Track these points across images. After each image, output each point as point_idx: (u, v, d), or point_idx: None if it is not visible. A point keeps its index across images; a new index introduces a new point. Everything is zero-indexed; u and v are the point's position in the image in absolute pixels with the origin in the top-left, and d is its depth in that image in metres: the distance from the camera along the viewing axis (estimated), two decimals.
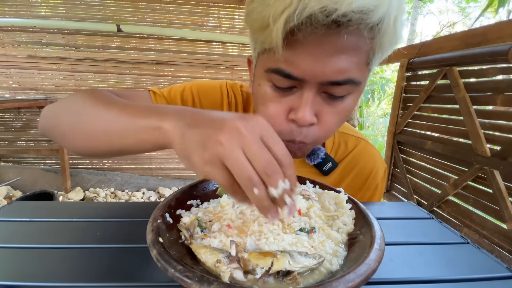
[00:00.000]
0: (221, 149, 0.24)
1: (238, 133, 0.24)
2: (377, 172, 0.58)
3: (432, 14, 8.67)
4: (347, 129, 0.60)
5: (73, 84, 2.34)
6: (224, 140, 0.24)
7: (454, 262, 0.33)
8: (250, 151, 0.24)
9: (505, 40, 1.20)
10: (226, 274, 0.24)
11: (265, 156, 0.24)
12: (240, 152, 0.24)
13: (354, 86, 0.38)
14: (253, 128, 0.25)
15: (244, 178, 0.24)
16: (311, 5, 0.29)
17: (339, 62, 0.34)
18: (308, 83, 0.36)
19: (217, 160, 0.24)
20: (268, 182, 0.25)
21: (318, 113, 0.39)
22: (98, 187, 2.48)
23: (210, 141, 0.25)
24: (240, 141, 0.24)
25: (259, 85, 0.41)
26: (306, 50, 0.34)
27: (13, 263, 0.30)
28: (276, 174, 0.25)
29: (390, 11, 0.31)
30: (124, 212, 0.43)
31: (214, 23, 2.35)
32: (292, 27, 0.32)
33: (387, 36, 0.34)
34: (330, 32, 0.32)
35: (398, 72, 1.99)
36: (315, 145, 0.46)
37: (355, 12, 0.29)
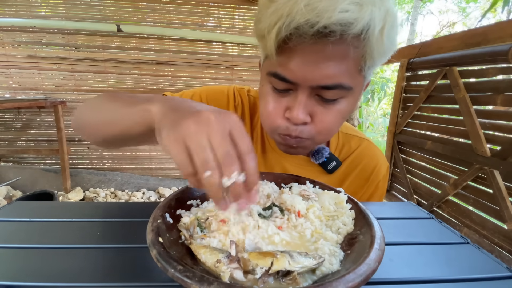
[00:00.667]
0: (187, 130, 0.26)
1: (208, 122, 0.26)
2: (380, 170, 0.60)
3: (432, 14, 8.67)
4: (351, 130, 0.63)
5: (73, 84, 2.34)
6: (192, 124, 0.26)
7: (454, 262, 0.33)
8: (214, 139, 0.25)
9: (505, 40, 1.20)
10: (226, 274, 0.24)
11: (226, 147, 0.26)
12: (204, 137, 0.25)
13: (345, 91, 0.41)
14: (223, 121, 0.26)
15: (201, 159, 0.25)
16: (297, 19, 0.33)
17: (327, 68, 0.38)
18: (301, 86, 0.41)
19: (181, 140, 0.26)
20: (223, 171, 0.25)
21: (312, 114, 0.43)
22: (98, 187, 2.48)
23: (181, 122, 0.26)
24: (207, 129, 0.26)
25: (262, 86, 0.47)
26: (297, 57, 0.38)
27: (13, 263, 0.30)
28: (232, 165, 0.26)
29: (374, 23, 0.34)
30: (124, 212, 0.43)
31: (214, 23, 2.35)
32: (283, 37, 0.36)
33: (375, 46, 0.37)
34: (318, 41, 0.35)
35: (398, 72, 1.99)
36: (315, 142, 0.48)
37: (335, 24, 0.33)
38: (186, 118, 0.26)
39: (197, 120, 0.26)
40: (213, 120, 0.26)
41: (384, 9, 0.35)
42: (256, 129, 0.62)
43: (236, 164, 0.26)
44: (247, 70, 2.50)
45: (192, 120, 0.26)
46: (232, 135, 0.27)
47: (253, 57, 2.44)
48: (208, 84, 2.48)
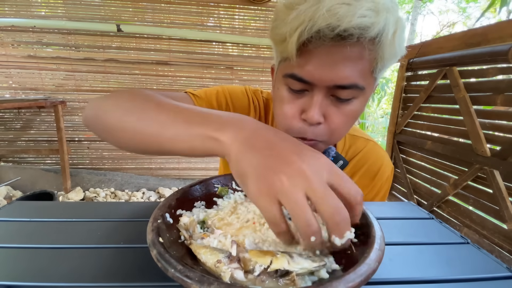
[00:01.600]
0: (280, 186, 0.23)
1: (304, 176, 0.24)
2: (385, 171, 0.62)
3: (432, 14, 8.67)
4: (357, 131, 0.66)
5: (73, 84, 2.34)
6: (286, 180, 0.23)
7: (454, 262, 0.33)
8: (315, 195, 0.23)
9: (505, 40, 1.20)
10: (226, 274, 0.24)
11: (334, 201, 0.23)
12: (301, 194, 0.23)
13: (359, 91, 0.43)
14: (319, 170, 0.24)
15: (302, 221, 0.23)
16: (318, 23, 0.36)
17: (344, 69, 0.40)
18: (317, 87, 0.42)
19: (274, 196, 0.24)
20: (334, 231, 0.23)
21: (326, 114, 0.44)
22: (98, 187, 2.48)
23: (271, 175, 0.24)
24: (304, 185, 0.23)
25: (278, 88, 0.48)
26: (316, 59, 0.40)
27: (13, 263, 0.30)
28: (345, 221, 0.24)
29: (388, 28, 0.37)
30: (124, 212, 0.43)
31: (214, 23, 2.35)
32: (304, 40, 0.38)
33: (387, 49, 0.39)
34: (336, 44, 0.38)
35: (398, 72, 1.99)
36: (327, 144, 0.49)
37: (354, 28, 0.35)
38: (275, 171, 0.24)
39: (290, 175, 0.24)
40: (308, 173, 0.24)
41: (396, 15, 0.39)
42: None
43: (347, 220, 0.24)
44: (247, 70, 2.50)
45: (285, 175, 0.24)
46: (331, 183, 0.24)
47: (253, 57, 2.44)
48: (208, 84, 2.48)
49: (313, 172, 0.24)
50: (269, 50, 2.41)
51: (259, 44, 2.38)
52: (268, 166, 0.25)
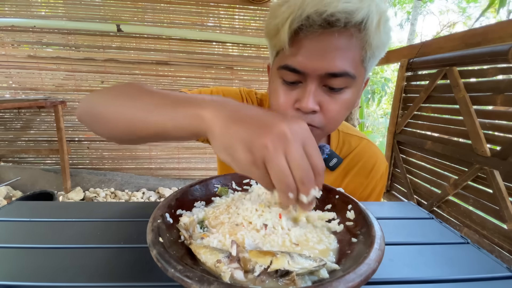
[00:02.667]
0: (266, 153, 0.26)
1: (284, 139, 0.26)
2: (379, 167, 0.62)
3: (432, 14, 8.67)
4: (351, 129, 0.66)
5: (73, 84, 2.34)
6: (270, 144, 0.25)
7: (454, 262, 0.33)
8: (293, 158, 0.26)
9: (505, 40, 1.20)
10: (226, 274, 0.24)
11: (305, 166, 0.26)
12: (283, 158, 0.26)
13: (350, 80, 0.44)
14: (297, 135, 0.27)
15: (283, 184, 0.26)
16: (307, 9, 0.39)
17: (335, 57, 0.42)
18: (310, 77, 0.44)
19: (261, 163, 0.26)
20: (302, 190, 0.27)
21: (320, 103, 0.46)
22: (98, 187, 2.48)
23: (257, 143, 0.26)
24: (284, 147, 0.26)
25: (273, 82, 0.50)
26: (307, 48, 0.42)
27: (13, 263, 0.30)
28: (310, 183, 0.27)
29: (372, 15, 0.40)
30: (124, 212, 0.43)
31: (214, 23, 2.35)
32: (295, 28, 0.41)
33: (374, 37, 0.42)
34: (325, 32, 0.40)
35: (398, 72, 1.99)
36: (324, 132, 0.51)
37: (340, 12, 0.38)
38: (259, 136, 0.26)
39: (272, 138, 0.26)
40: (289, 135, 0.26)
41: (380, 5, 0.41)
42: None
43: (312, 182, 0.27)
44: (247, 70, 2.50)
45: (268, 139, 0.26)
46: (305, 149, 0.27)
47: (253, 57, 2.44)
48: (208, 84, 2.48)
49: (293, 136, 0.26)
50: None
51: (259, 44, 2.38)
52: (253, 137, 0.26)
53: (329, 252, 0.30)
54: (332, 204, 0.39)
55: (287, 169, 0.26)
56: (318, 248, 0.30)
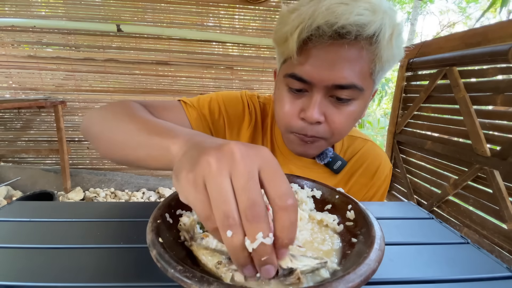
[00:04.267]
0: (206, 168, 0.21)
1: (232, 158, 0.21)
2: (383, 170, 0.62)
3: (433, 14, 8.67)
4: (355, 132, 0.66)
5: (73, 84, 2.34)
6: (213, 161, 0.21)
7: (454, 262, 0.33)
8: (238, 182, 0.20)
9: (505, 40, 1.20)
10: (227, 276, 0.24)
11: (252, 194, 0.20)
12: (227, 179, 0.20)
13: (358, 92, 0.44)
14: (251, 157, 0.21)
15: (220, 211, 0.20)
16: (318, 20, 0.38)
17: (343, 68, 0.41)
18: (316, 87, 0.43)
19: (200, 182, 0.21)
20: (246, 227, 0.20)
21: (326, 114, 0.45)
22: (98, 187, 2.48)
23: (200, 159, 0.22)
24: (231, 167, 0.21)
25: (278, 89, 0.50)
26: (315, 58, 0.42)
27: (13, 263, 0.30)
28: (258, 222, 0.20)
29: (385, 28, 0.39)
30: (124, 212, 0.43)
31: (214, 23, 2.35)
32: (304, 38, 0.40)
33: (384, 50, 0.40)
34: (335, 43, 0.40)
35: (398, 72, 1.99)
36: (329, 143, 0.50)
37: (351, 25, 0.37)
38: (206, 154, 0.22)
39: (218, 156, 0.21)
40: (238, 155, 0.21)
41: (393, 18, 0.40)
42: (266, 134, 0.64)
43: (262, 221, 0.20)
44: (247, 70, 2.50)
45: (213, 156, 0.21)
46: (262, 176, 0.21)
47: (253, 57, 2.44)
48: (208, 84, 2.48)
49: (243, 156, 0.21)
50: (269, 50, 2.40)
51: (259, 44, 2.38)
52: (200, 155, 0.22)
53: (333, 253, 0.30)
54: (332, 204, 0.39)
55: (229, 193, 0.20)
56: (323, 249, 0.30)
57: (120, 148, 0.37)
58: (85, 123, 0.46)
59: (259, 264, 0.21)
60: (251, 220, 0.20)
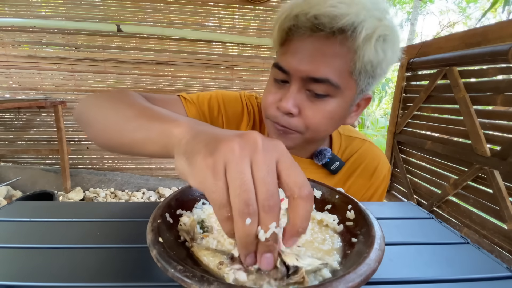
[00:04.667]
0: (230, 156, 0.20)
1: (254, 147, 0.21)
2: (381, 170, 0.62)
3: (432, 14, 8.68)
4: (353, 132, 0.66)
5: (73, 84, 2.34)
6: (237, 147, 0.21)
7: (454, 262, 0.33)
8: (259, 172, 0.20)
9: (505, 40, 1.20)
10: (229, 276, 0.24)
11: (272, 186, 0.20)
12: (248, 168, 0.20)
13: (334, 89, 0.44)
14: (271, 148, 0.22)
15: (241, 199, 0.20)
16: (295, 10, 0.41)
17: (319, 62, 0.42)
18: (293, 78, 0.45)
19: (221, 168, 0.21)
20: (262, 217, 0.20)
21: (301, 107, 0.46)
22: (98, 187, 2.48)
23: (222, 145, 0.21)
24: (252, 156, 0.21)
25: (269, 78, 0.52)
26: (294, 49, 0.43)
27: (13, 263, 0.30)
28: (273, 212, 0.20)
29: (362, 24, 0.38)
30: (124, 212, 0.43)
31: (214, 23, 2.35)
32: (285, 28, 0.43)
33: (363, 49, 0.40)
34: (314, 35, 0.41)
35: (398, 72, 1.99)
36: (304, 138, 0.50)
37: (324, 16, 0.38)
38: (228, 140, 0.21)
39: (241, 143, 0.21)
40: (260, 145, 0.21)
41: (378, 18, 0.40)
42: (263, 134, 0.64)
43: (277, 212, 0.20)
44: (247, 70, 2.50)
45: (236, 142, 0.21)
46: (280, 168, 0.21)
47: (253, 57, 2.44)
48: (208, 84, 2.48)
49: (264, 147, 0.21)
50: (269, 50, 2.40)
51: (259, 44, 2.37)
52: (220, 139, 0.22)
53: (333, 252, 0.30)
54: (332, 204, 0.39)
55: (251, 181, 0.20)
56: (323, 249, 0.30)
57: (115, 132, 0.35)
58: (79, 108, 0.44)
59: (263, 251, 0.21)
60: (267, 211, 0.20)
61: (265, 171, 0.20)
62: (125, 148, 0.36)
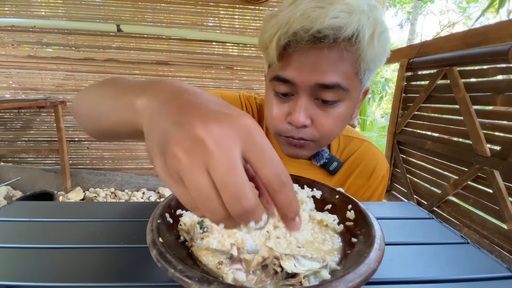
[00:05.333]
0: (178, 165, 0.18)
1: (203, 149, 0.18)
2: (380, 169, 0.62)
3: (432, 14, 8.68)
4: (351, 132, 0.66)
5: (73, 84, 2.34)
6: (182, 155, 0.18)
7: (454, 262, 0.33)
8: (216, 176, 0.18)
9: (505, 40, 1.20)
10: (228, 276, 0.24)
11: (235, 188, 0.18)
12: (202, 174, 0.18)
13: (343, 93, 0.43)
14: (228, 140, 0.18)
15: (205, 209, 0.19)
16: (294, 26, 0.38)
17: (325, 68, 0.41)
18: (301, 89, 0.43)
19: (175, 175, 0.19)
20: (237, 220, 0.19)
21: (313, 117, 0.45)
22: (98, 187, 2.48)
23: (168, 149, 0.19)
24: (205, 160, 0.18)
25: (267, 93, 0.50)
26: (296, 61, 0.42)
27: (13, 263, 0.30)
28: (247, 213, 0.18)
29: (364, 29, 0.38)
30: (124, 212, 0.43)
31: (214, 23, 2.35)
32: (283, 44, 0.41)
33: (367, 50, 0.40)
34: (314, 46, 0.40)
35: (398, 72, 1.99)
36: (319, 145, 0.50)
37: (328, 29, 0.37)
38: (172, 143, 0.19)
39: (187, 148, 0.18)
40: (211, 144, 0.18)
41: (373, 17, 0.39)
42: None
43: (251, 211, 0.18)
44: (247, 70, 2.50)
45: (180, 148, 0.18)
46: (247, 156, 0.19)
47: (253, 57, 2.44)
48: (208, 84, 2.48)
49: (218, 143, 0.18)
50: None
51: (259, 44, 2.37)
52: (167, 139, 0.19)
53: (333, 252, 0.30)
54: (332, 204, 0.39)
55: (209, 189, 0.18)
56: (324, 249, 0.30)
57: (95, 117, 0.32)
58: (74, 100, 0.42)
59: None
60: (239, 215, 0.18)
61: (223, 173, 0.18)
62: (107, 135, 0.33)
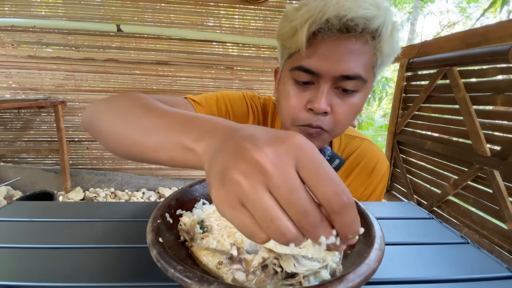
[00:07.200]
0: (239, 190, 0.18)
1: (262, 170, 0.18)
2: (381, 168, 0.63)
3: (433, 14, 8.68)
4: (352, 131, 0.67)
5: (73, 84, 2.34)
6: (242, 179, 0.18)
7: (454, 262, 0.33)
8: (279, 196, 0.18)
9: (505, 40, 1.20)
10: (228, 276, 0.24)
11: (301, 205, 0.18)
12: (265, 195, 0.18)
13: (362, 83, 0.46)
14: (283, 159, 0.18)
15: (272, 230, 0.18)
16: (328, 13, 0.40)
17: (349, 60, 0.43)
18: (323, 78, 0.45)
19: (235, 201, 0.19)
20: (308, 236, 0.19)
21: (332, 105, 0.47)
22: (98, 187, 2.47)
23: (227, 177, 0.19)
24: (265, 181, 0.18)
25: (284, 83, 0.50)
26: (323, 50, 0.44)
27: (13, 263, 0.30)
28: (316, 228, 0.18)
29: (387, 23, 0.42)
30: (124, 212, 0.43)
31: (214, 23, 2.35)
32: (314, 31, 0.42)
33: (386, 45, 0.43)
34: (342, 36, 0.42)
35: (398, 72, 1.99)
36: (331, 136, 0.51)
37: (359, 18, 0.40)
38: (231, 169, 0.19)
39: (245, 172, 0.18)
40: (268, 165, 0.18)
41: (392, 15, 0.43)
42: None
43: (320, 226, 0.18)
44: (247, 70, 2.50)
45: (239, 173, 0.18)
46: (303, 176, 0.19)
47: (253, 57, 2.43)
48: (208, 84, 2.48)
49: (274, 163, 0.18)
50: (269, 50, 2.40)
51: (259, 44, 2.37)
52: (225, 168, 0.20)
53: (333, 252, 0.30)
54: None
55: (274, 208, 0.18)
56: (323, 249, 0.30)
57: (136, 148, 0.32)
58: (88, 116, 0.41)
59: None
60: (309, 230, 0.18)
61: (286, 192, 0.18)
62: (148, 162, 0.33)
